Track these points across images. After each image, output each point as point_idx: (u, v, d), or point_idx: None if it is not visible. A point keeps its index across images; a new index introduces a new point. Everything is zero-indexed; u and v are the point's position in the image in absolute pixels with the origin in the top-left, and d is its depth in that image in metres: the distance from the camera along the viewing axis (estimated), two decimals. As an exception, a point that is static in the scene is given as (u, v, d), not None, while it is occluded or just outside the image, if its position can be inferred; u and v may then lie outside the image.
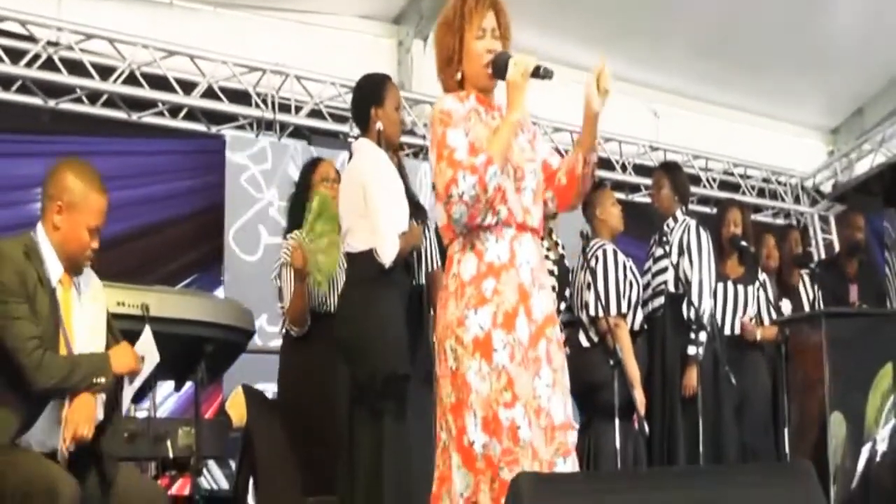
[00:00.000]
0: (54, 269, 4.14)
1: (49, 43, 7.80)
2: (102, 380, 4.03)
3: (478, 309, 3.84)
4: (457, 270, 3.93)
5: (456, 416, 3.83)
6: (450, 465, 3.84)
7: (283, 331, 6.07)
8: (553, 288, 6.08)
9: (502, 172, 3.88)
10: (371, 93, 5.41)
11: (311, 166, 6.29)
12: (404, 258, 5.12)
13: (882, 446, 4.97)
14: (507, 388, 3.78)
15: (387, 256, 4.95)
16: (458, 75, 4.05)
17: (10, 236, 4.27)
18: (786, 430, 6.38)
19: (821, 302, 8.07)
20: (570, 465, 3.90)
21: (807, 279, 8.31)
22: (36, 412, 3.99)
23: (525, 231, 3.98)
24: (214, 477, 6.39)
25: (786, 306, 7.96)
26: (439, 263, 5.46)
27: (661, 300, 6.97)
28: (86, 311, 4.24)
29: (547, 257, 6.29)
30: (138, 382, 4.24)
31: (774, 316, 7.37)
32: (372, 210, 5.04)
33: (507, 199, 3.93)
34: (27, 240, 4.15)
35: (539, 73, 3.91)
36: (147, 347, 4.29)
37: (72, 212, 4.16)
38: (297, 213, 6.06)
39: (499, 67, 3.96)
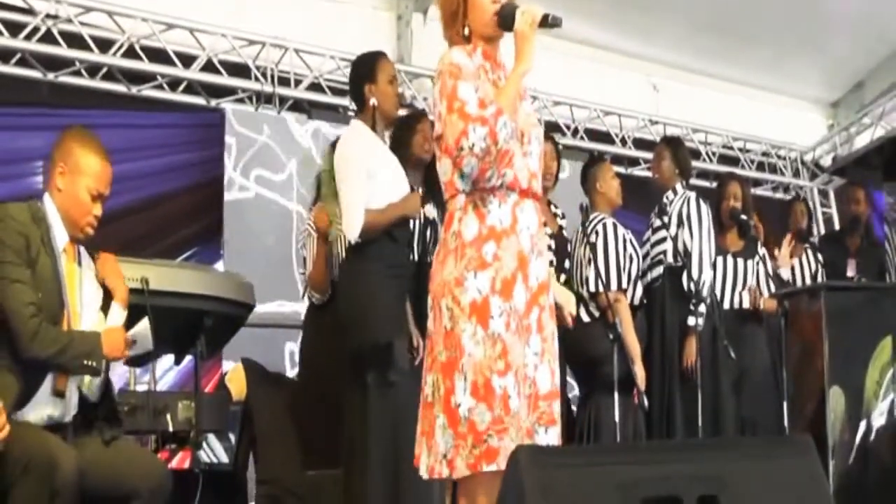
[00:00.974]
0: (60, 235, 4.17)
1: (48, 16, 7.78)
2: (94, 364, 4.02)
3: (477, 272, 3.85)
4: (458, 228, 3.93)
5: (446, 375, 3.84)
6: (433, 424, 3.85)
7: (305, 298, 6.12)
8: (551, 263, 6.12)
9: (511, 135, 3.86)
10: (363, 71, 5.48)
11: (336, 143, 6.37)
12: (387, 229, 5.16)
13: (880, 420, 4.97)
14: (501, 357, 3.79)
15: (351, 233, 5.07)
16: (465, 30, 4.03)
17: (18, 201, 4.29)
18: (784, 405, 6.39)
19: (823, 275, 8.09)
20: (551, 435, 3.93)
21: (809, 252, 8.33)
22: (36, 382, 3.99)
23: (528, 197, 3.99)
24: (214, 450, 6.39)
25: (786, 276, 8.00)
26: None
27: (659, 270, 6.99)
28: (87, 284, 4.25)
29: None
30: (121, 368, 4.26)
31: (774, 289, 7.38)
32: (339, 190, 5.17)
33: (513, 163, 3.92)
34: (34, 205, 4.17)
35: (548, 21, 3.90)
36: (142, 335, 4.30)
37: (73, 174, 4.20)
38: (320, 185, 6.19)
39: (506, 18, 3.94)
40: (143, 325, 4.30)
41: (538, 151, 4.06)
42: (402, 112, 6.21)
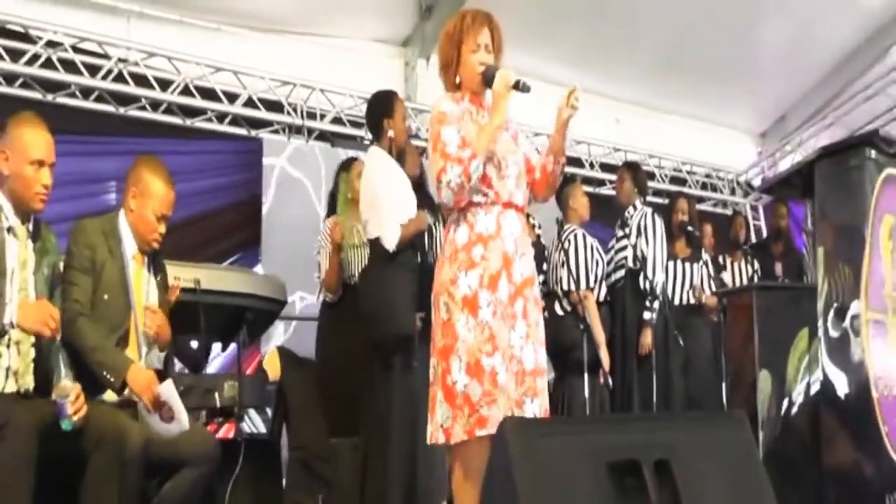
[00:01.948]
0: (130, 246, 4.15)
1: (119, 60, 7.80)
2: (112, 379, 3.90)
3: (468, 272, 3.88)
4: (452, 237, 3.97)
5: (442, 358, 3.87)
6: (434, 400, 3.88)
7: (320, 298, 6.11)
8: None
9: (489, 164, 3.91)
10: (383, 106, 5.46)
11: (347, 164, 6.36)
12: (410, 240, 5.16)
13: (799, 398, 4.98)
14: (489, 340, 3.82)
15: (389, 243, 5.05)
16: (457, 79, 4.09)
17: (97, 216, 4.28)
18: (723, 385, 6.41)
19: (754, 277, 8.13)
20: (536, 405, 3.92)
21: (746, 259, 8.37)
22: None
23: (510, 208, 4.01)
24: (254, 422, 6.37)
25: (726, 278, 8.02)
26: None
27: (621, 273, 7.00)
28: (153, 288, 4.24)
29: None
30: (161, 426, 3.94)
31: (714, 288, 7.40)
32: (378, 209, 5.13)
33: (492, 185, 3.95)
34: (109, 219, 4.17)
35: (519, 86, 3.93)
36: (168, 394, 3.93)
37: (143, 197, 4.16)
38: (334, 201, 6.19)
39: (488, 78, 3.99)
40: (169, 387, 3.95)
41: (515, 173, 4.06)
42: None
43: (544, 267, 6.87)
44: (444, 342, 3.88)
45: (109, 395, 3.99)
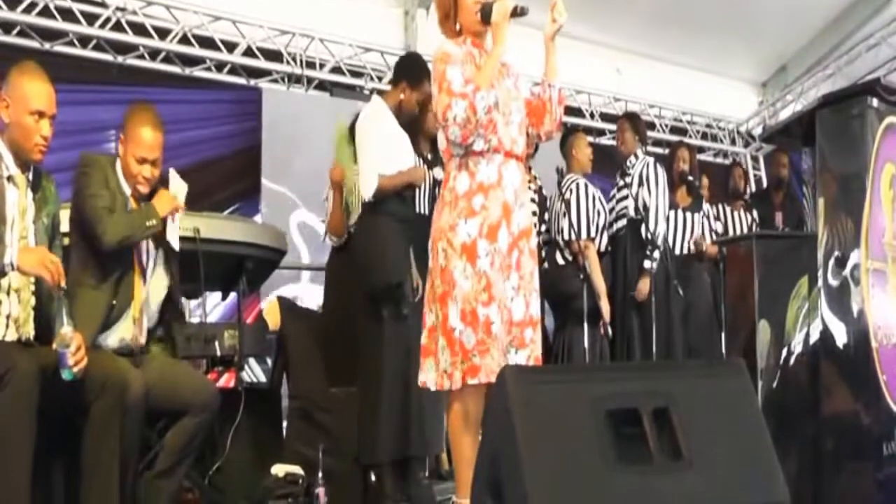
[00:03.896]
0: (124, 183, 4.18)
1: (118, 8, 7.81)
2: (155, 223, 4.10)
3: (468, 219, 3.89)
4: (452, 185, 3.97)
5: (442, 304, 3.89)
6: (437, 344, 3.89)
7: (326, 240, 6.11)
8: (533, 213, 6.14)
9: (494, 109, 3.91)
10: (415, 73, 5.41)
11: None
12: (397, 191, 5.17)
13: (798, 348, 4.97)
14: (485, 290, 3.84)
15: (366, 191, 5.07)
16: (457, 26, 4.11)
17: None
18: (723, 334, 6.42)
19: (753, 227, 8.11)
20: (520, 356, 3.94)
21: (744, 208, 8.34)
22: (126, 298, 4.11)
23: (511, 157, 4.02)
24: (254, 371, 6.37)
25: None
26: None
27: (622, 222, 6.99)
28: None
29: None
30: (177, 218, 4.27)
31: (715, 238, 7.40)
32: (359, 155, 5.16)
33: (497, 130, 3.95)
34: (113, 159, 4.22)
35: (516, 11, 3.98)
36: (178, 187, 4.32)
37: (126, 144, 4.16)
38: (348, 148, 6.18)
39: (485, 14, 4.01)
40: (175, 179, 4.35)
41: (518, 120, 4.07)
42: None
43: (545, 216, 6.86)
44: (442, 288, 3.90)
45: (114, 340, 4.05)
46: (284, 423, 5.81)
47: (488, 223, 3.90)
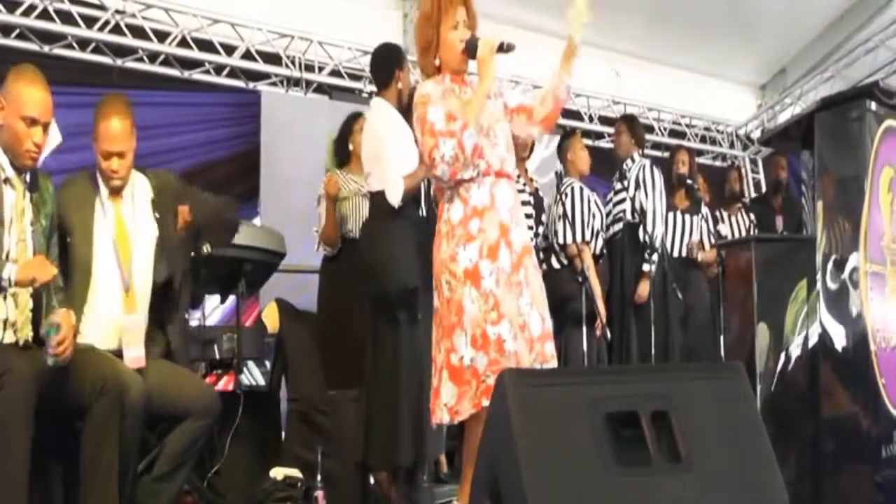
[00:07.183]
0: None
1: (117, 11, 7.80)
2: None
3: (466, 245, 3.89)
4: (447, 217, 3.97)
5: (447, 336, 3.87)
6: (441, 380, 3.88)
7: (318, 250, 6.09)
8: (529, 216, 6.14)
9: (479, 133, 3.92)
10: (395, 57, 5.37)
11: (352, 119, 6.26)
12: (412, 193, 5.12)
13: (797, 351, 4.98)
14: (493, 309, 3.82)
15: (394, 198, 4.93)
16: (437, 61, 4.07)
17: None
18: (721, 337, 6.42)
19: (751, 230, 8.12)
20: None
21: (743, 211, 8.35)
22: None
23: (502, 177, 4.02)
24: (253, 374, 6.39)
25: (724, 231, 8.02)
26: None
27: (619, 226, 7.01)
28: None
29: (523, 191, 6.33)
30: None
31: (714, 241, 7.40)
32: (382, 162, 5.02)
33: (483, 154, 3.95)
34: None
35: (502, 48, 3.95)
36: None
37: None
38: (335, 155, 6.17)
39: (471, 49, 3.99)
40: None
41: (503, 141, 4.07)
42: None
43: (543, 219, 6.87)
44: (449, 320, 3.88)
45: (106, 345, 4.02)
46: (283, 426, 5.81)
47: (487, 244, 3.89)
